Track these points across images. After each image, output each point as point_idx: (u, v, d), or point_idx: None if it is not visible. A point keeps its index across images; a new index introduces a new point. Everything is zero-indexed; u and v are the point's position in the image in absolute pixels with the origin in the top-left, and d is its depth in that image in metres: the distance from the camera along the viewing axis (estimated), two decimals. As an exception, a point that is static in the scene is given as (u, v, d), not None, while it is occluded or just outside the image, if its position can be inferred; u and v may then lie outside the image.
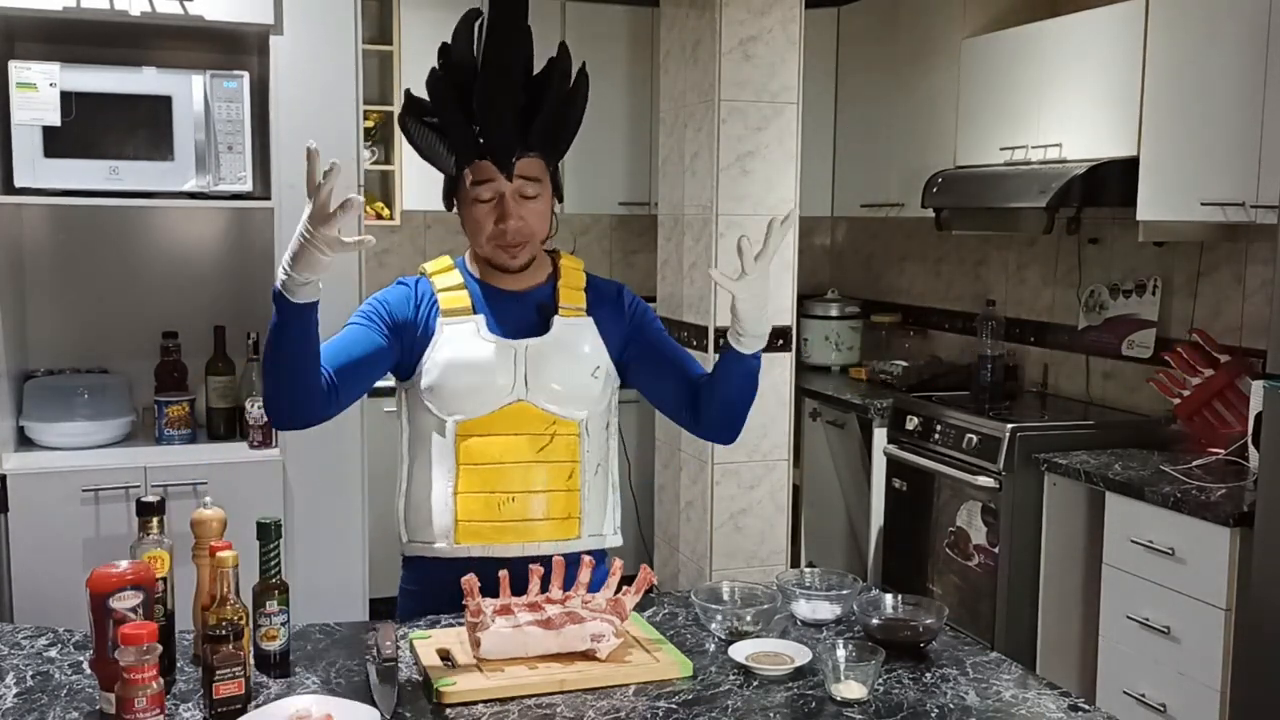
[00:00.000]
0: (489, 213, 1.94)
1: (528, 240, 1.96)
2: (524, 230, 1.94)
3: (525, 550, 1.94)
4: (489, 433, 1.95)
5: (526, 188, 1.93)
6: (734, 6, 3.98)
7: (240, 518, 3.24)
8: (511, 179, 1.92)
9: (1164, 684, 2.98)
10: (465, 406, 1.95)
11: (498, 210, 1.93)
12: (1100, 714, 1.68)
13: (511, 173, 1.91)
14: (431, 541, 1.98)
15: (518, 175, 1.92)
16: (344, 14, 3.19)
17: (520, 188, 1.93)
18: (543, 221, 1.98)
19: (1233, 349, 3.42)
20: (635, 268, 5.38)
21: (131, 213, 3.45)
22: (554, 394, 1.97)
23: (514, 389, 1.96)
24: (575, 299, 2.04)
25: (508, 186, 1.92)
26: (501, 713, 1.62)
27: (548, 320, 2.01)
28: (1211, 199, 3.10)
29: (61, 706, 1.62)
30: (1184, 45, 3.22)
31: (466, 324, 1.98)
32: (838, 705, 1.66)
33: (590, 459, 2.02)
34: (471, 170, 1.93)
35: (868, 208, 4.79)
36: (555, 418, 1.98)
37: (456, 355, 1.95)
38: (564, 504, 1.99)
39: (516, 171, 1.91)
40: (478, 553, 1.95)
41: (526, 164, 1.93)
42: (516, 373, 1.96)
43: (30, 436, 3.24)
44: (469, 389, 1.95)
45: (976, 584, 3.66)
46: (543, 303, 2.03)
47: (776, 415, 4.18)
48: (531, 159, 1.94)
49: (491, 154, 1.91)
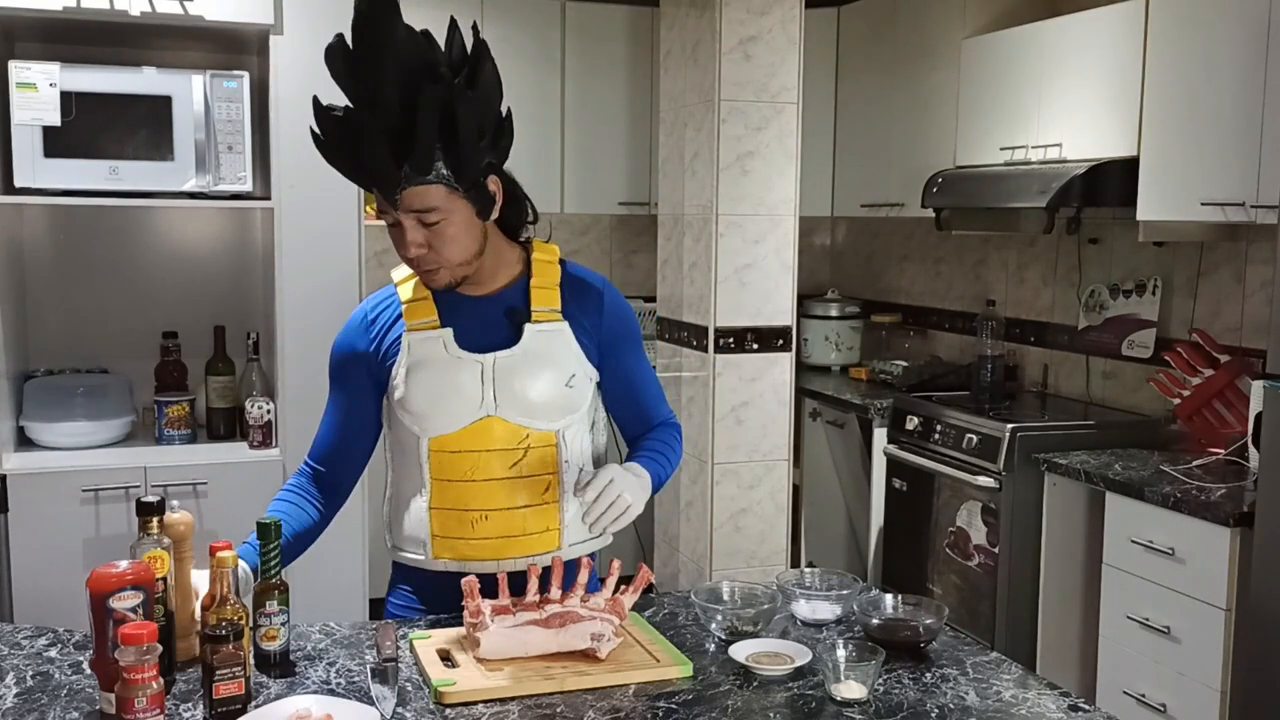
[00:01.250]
0: (398, 238, 1.81)
1: (441, 266, 1.82)
2: (428, 259, 1.81)
3: (501, 567, 1.88)
4: (459, 449, 1.88)
5: (426, 216, 1.77)
6: (734, 6, 3.98)
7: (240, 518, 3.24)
8: (399, 210, 1.77)
9: (1164, 684, 2.98)
10: (435, 423, 1.89)
11: (402, 237, 1.81)
12: (1100, 714, 1.68)
13: (398, 206, 1.76)
14: (412, 551, 1.96)
15: (407, 209, 1.76)
16: (344, 14, 3.16)
17: (420, 217, 1.78)
18: (454, 245, 1.80)
19: (1233, 349, 3.42)
20: (635, 268, 5.38)
21: (131, 213, 3.46)
22: (526, 407, 1.88)
23: (483, 404, 1.87)
24: (549, 300, 1.93)
25: (404, 217, 1.78)
26: (501, 713, 1.62)
27: (519, 327, 1.90)
28: (1211, 199, 3.10)
29: (61, 706, 1.62)
30: (1184, 45, 3.22)
31: (434, 338, 1.90)
32: (838, 705, 1.66)
33: (571, 467, 1.94)
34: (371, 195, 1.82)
35: (868, 208, 4.79)
36: (529, 431, 1.89)
37: (423, 370, 1.89)
38: (542, 518, 1.92)
39: (404, 205, 1.76)
40: (454, 567, 1.91)
41: (416, 194, 1.75)
42: (485, 388, 1.87)
43: (30, 436, 3.24)
44: (436, 405, 1.88)
45: (976, 584, 3.66)
46: (514, 307, 1.92)
47: (776, 415, 4.18)
48: (421, 188, 1.75)
49: (373, 187, 1.78)
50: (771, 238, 4.12)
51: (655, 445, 2.01)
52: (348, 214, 3.26)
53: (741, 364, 4.12)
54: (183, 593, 1.77)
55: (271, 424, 3.27)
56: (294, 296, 3.23)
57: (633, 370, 2.02)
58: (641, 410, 2.05)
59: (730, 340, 4.11)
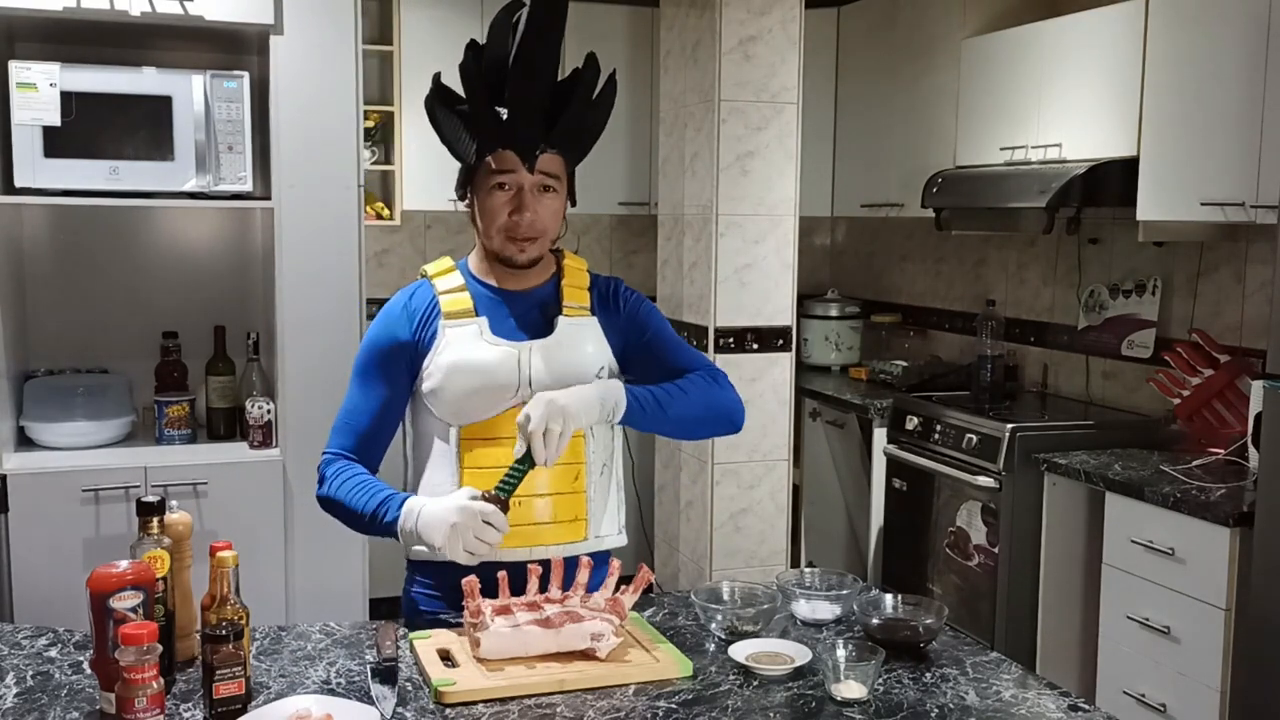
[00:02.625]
0: (505, 203, 1.94)
1: (539, 235, 1.96)
2: (537, 225, 1.94)
3: (532, 555, 1.91)
4: (493, 436, 1.93)
5: (546, 182, 1.94)
6: (734, 6, 3.98)
7: (240, 518, 3.26)
8: (533, 171, 1.92)
9: (1164, 684, 2.98)
10: (468, 411, 1.93)
11: (514, 202, 1.93)
12: (1100, 714, 1.68)
13: (534, 165, 1.92)
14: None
15: (539, 170, 1.93)
16: (344, 14, 3.19)
17: (540, 181, 1.93)
18: (556, 219, 1.99)
19: (1233, 349, 3.42)
20: (635, 268, 5.38)
21: (131, 213, 3.46)
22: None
23: (518, 392, 1.93)
24: (580, 298, 2.03)
25: (528, 179, 1.92)
26: (501, 713, 1.62)
27: (551, 321, 1.99)
28: (1211, 199, 3.10)
29: (61, 706, 1.62)
30: (1184, 45, 3.22)
31: (469, 327, 1.96)
32: (838, 705, 1.66)
33: (596, 459, 2.00)
34: (494, 159, 1.93)
35: (868, 208, 4.79)
36: None
37: (459, 359, 1.93)
38: (570, 506, 1.98)
39: (539, 166, 1.92)
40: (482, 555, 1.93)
41: (548, 160, 1.94)
42: (520, 375, 1.94)
43: (30, 436, 3.24)
44: (472, 393, 1.93)
45: (976, 584, 3.66)
46: (546, 302, 2.01)
47: (776, 415, 4.18)
48: (553, 156, 1.94)
49: (516, 145, 1.92)
50: (771, 238, 4.12)
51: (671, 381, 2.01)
52: (348, 214, 3.26)
53: (741, 364, 4.12)
54: (182, 593, 1.77)
55: (272, 424, 3.27)
56: (294, 296, 3.22)
57: (661, 341, 2.08)
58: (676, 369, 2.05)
59: (730, 340, 4.11)
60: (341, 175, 3.23)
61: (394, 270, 5.02)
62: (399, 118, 4.58)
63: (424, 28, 4.49)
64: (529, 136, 1.92)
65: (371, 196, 4.63)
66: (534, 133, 1.92)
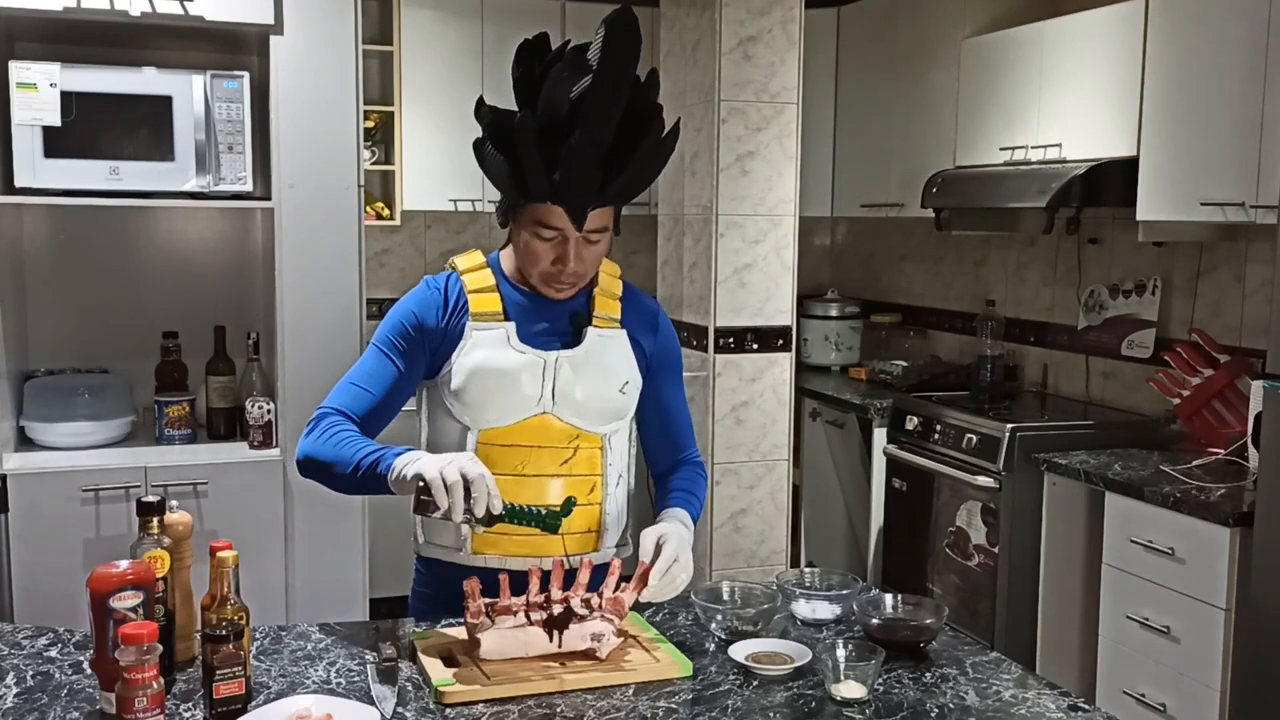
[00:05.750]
0: (548, 251, 1.87)
1: (580, 281, 1.93)
2: (580, 274, 1.91)
3: (543, 564, 1.86)
4: (511, 443, 1.91)
5: (592, 235, 1.88)
6: (734, 6, 3.98)
7: (240, 518, 3.25)
8: (582, 229, 1.85)
9: (1164, 684, 2.98)
10: (488, 415, 1.91)
11: (558, 249, 1.87)
12: (1100, 714, 1.68)
13: (583, 225, 1.85)
14: (447, 546, 1.96)
15: (589, 228, 1.86)
16: (344, 14, 3.19)
17: (586, 235, 1.87)
18: (599, 263, 1.95)
19: (1232, 349, 3.42)
20: (635, 268, 5.37)
21: (131, 213, 3.46)
22: (580, 408, 1.93)
23: (540, 401, 1.91)
24: (610, 308, 1.99)
25: (574, 234, 1.86)
26: (501, 713, 1.62)
27: (580, 331, 1.96)
28: (1211, 199, 3.10)
29: (61, 706, 1.62)
30: (1184, 45, 3.22)
31: (496, 330, 1.92)
32: (838, 705, 1.66)
33: (613, 471, 1.99)
34: (542, 210, 1.85)
35: (868, 208, 4.79)
36: (579, 431, 1.94)
37: (484, 363, 1.90)
38: (585, 518, 1.96)
39: (589, 224, 1.85)
40: (494, 564, 1.92)
41: (598, 215, 1.86)
42: (544, 385, 1.91)
43: (30, 436, 3.24)
44: (493, 398, 1.90)
45: (976, 584, 3.66)
46: (576, 311, 1.97)
47: (776, 415, 4.18)
48: (603, 209, 1.87)
49: (567, 205, 1.83)
50: (771, 238, 4.12)
51: (688, 486, 2.11)
52: (348, 214, 3.26)
53: (741, 364, 4.12)
54: (183, 593, 1.77)
55: (272, 424, 3.27)
56: (294, 296, 3.22)
57: (671, 398, 2.09)
58: (672, 440, 2.12)
59: (730, 340, 4.11)
60: (341, 175, 3.23)
61: (394, 270, 5.02)
62: (399, 118, 4.58)
63: (424, 28, 4.49)
64: (581, 200, 1.83)
65: (371, 197, 4.63)
66: (587, 196, 1.82)
